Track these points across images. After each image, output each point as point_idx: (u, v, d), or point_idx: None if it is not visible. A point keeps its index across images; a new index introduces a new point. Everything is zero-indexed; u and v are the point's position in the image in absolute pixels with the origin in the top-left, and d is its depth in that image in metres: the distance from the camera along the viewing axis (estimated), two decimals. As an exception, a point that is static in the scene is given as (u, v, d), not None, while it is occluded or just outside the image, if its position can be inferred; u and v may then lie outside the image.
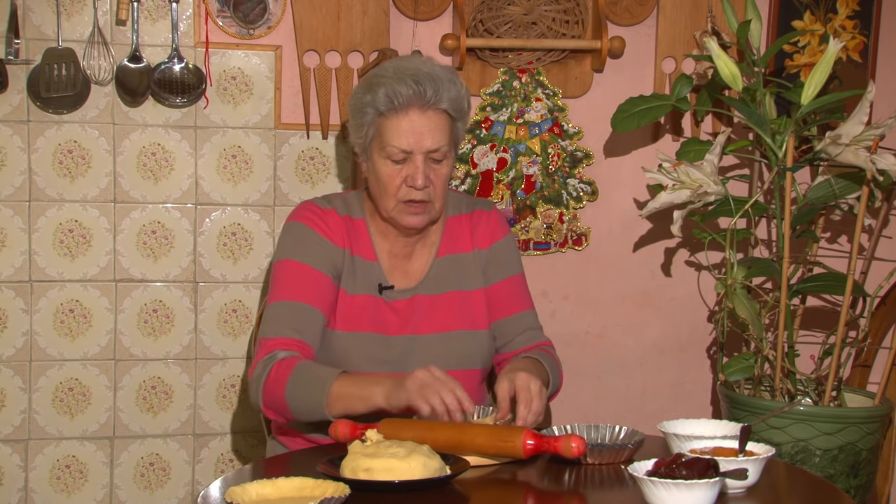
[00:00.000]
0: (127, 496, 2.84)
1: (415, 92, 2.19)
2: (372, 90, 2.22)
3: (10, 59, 2.65)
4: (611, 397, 3.07)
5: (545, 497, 1.84)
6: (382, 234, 2.33)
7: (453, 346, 2.30)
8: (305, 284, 2.24)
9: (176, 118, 2.79)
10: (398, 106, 2.20)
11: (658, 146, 3.00)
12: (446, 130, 2.24)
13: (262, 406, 2.19)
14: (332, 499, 1.61)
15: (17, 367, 2.76)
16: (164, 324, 2.83)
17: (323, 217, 2.31)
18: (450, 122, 2.26)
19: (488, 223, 2.40)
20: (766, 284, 2.93)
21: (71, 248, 2.76)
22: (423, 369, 2.00)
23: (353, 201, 2.37)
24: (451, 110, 2.25)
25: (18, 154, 2.72)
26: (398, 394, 2.00)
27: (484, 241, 2.38)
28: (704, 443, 1.85)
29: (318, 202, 2.35)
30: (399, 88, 2.19)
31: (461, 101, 2.27)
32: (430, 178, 2.23)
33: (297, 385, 2.12)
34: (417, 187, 2.21)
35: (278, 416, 2.20)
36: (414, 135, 2.21)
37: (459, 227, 2.38)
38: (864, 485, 2.54)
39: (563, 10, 2.90)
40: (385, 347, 2.25)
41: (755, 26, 2.63)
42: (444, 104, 2.22)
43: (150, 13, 2.74)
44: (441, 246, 2.36)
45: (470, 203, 2.43)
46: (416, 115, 2.21)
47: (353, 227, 2.33)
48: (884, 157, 2.41)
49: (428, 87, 2.20)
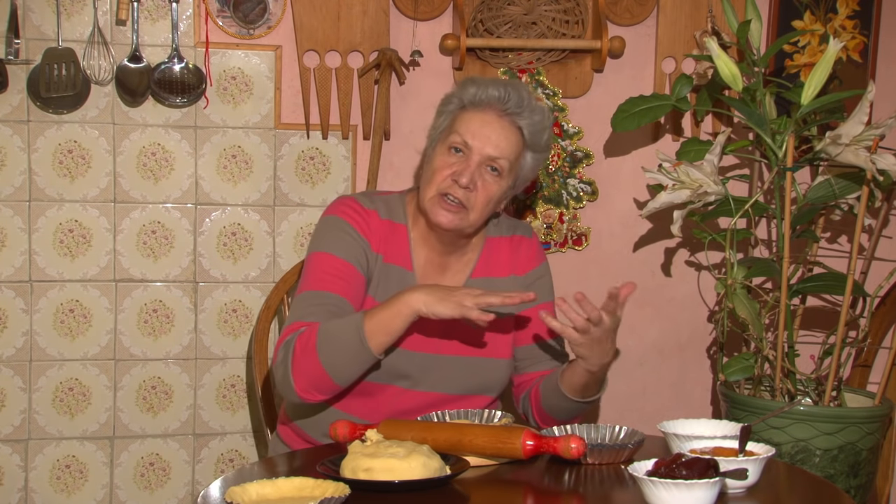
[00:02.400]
0: (127, 496, 2.84)
1: (500, 95, 2.24)
2: (465, 85, 2.28)
3: (10, 59, 2.65)
4: (611, 397, 3.07)
5: (545, 497, 1.84)
6: (423, 241, 2.31)
7: (472, 371, 2.28)
8: (337, 276, 2.21)
9: (176, 118, 2.79)
10: (480, 102, 2.24)
11: (658, 146, 3.01)
12: (513, 148, 2.24)
13: (296, 389, 2.11)
14: (332, 499, 1.61)
15: (17, 367, 2.76)
16: (164, 324, 2.83)
17: (364, 216, 2.28)
18: (521, 143, 2.26)
19: (528, 250, 2.39)
20: (766, 284, 2.93)
21: (71, 248, 2.76)
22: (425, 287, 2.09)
23: (396, 204, 2.34)
24: (526, 131, 2.25)
25: (18, 154, 2.72)
26: (433, 304, 2.05)
27: (521, 267, 2.38)
28: (704, 443, 1.85)
29: (360, 200, 2.31)
30: (488, 88, 2.25)
31: (541, 132, 2.27)
32: (477, 184, 2.21)
33: (328, 344, 2.07)
34: (461, 183, 2.19)
35: (319, 390, 2.12)
36: (482, 133, 2.22)
37: (499, 250, 2.36)
38: (864, 485, 2.54)
39: (563, 10, 2.90)
40: (403, 361, 2.22)
41: (755, 26, 2.63)
42: (521, 121, 2.24)
43: (150, 13, 2.74)
44: (477, 266, 2.34)
45: (510, 226, 2.41)
46: (491, 117, 2.23)
47: (393, 233, 2.30)
48: (884, 157, 2.41)
49: (514, 95, 2.24)
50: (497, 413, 2.12)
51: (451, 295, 2.04)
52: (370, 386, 2.22)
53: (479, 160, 2.21)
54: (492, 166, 2.22)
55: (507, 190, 2.28)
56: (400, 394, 2.23)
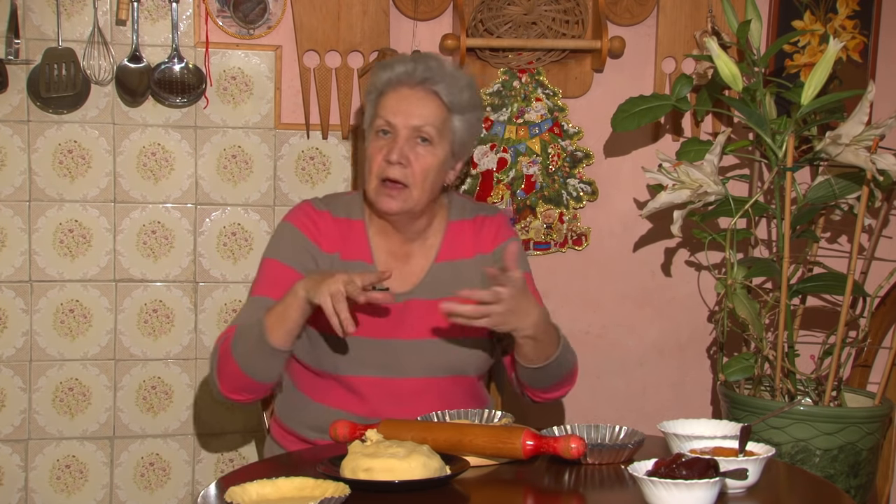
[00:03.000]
0: (127, 496, 2.84)
1: (406, 69, 2.27)
2: (377, 72, 2.31)
3: (10, 59, 2.65)
4: (611, 397, 3.07)
5: (545, 497, 1.84)
6: (381, 233, 2.33)
7: (446, 352, 2.28)
8: (280, 283, 2.24)
9: (176, 118, 2.79)
10: (392, 82, 2.27)
11: (658, 146, 3.00)
12: (435, 113, 2.25)
13: (221, 390, 2.19)
14: (332, 499, 1.61)
15: (17, 367, 2.76)
16: (164, 324, 2.83)
17: (314, 220, 2.31)
18: (443, 109, 2.26)
19: (492, 227, 2.38)
20: (766, 284, 2.93)
21: (71, 248, 2.76)
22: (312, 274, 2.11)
23: (353, 202, 2.37)
24: (444, 96, 2.26)
25: (18, 154, 2.72)
26: (310, 291, 2.06)
27: (487, 244, 2.37)
28: (704, 443, 1.85)
29: (315, 203, 2.36)
30: (396, 66, 2.28)
31: (460, 93, 2.28)
32: (410, 158, 2.22)
33: (239, 344, 2.14)
34: (392, 160, 2.21)
35: (243, 389, 2.18)
36: (400, 109, 2.24)
37: (461, 232, 2.37)
38: (864, 485, 2.54)
39: (563, 10, 2.90)
40: (375, 351, 2.24)
41: (755, 26, 2.63)
42: (436, 86, 2.25)
43: (150, 13, 2.74)
44: (441, 251, 2.35)
45: (473, 209, 2.42)
46: (406, 92, 2.26)
47: (350, 229, 2.32)
48: (884, 157, 2.41)
49: (420, 65, 2.27)
50: (497, 413, 2.12)
51: (321, 282, 2.05)
52: (347, 380, 2.24)
53: (406, 134, 2.23)
54: (420, 137, 2.24)
55: (447, 158, 2.28)
56: (377, 383, 2.24)
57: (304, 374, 2.31)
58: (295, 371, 2.34)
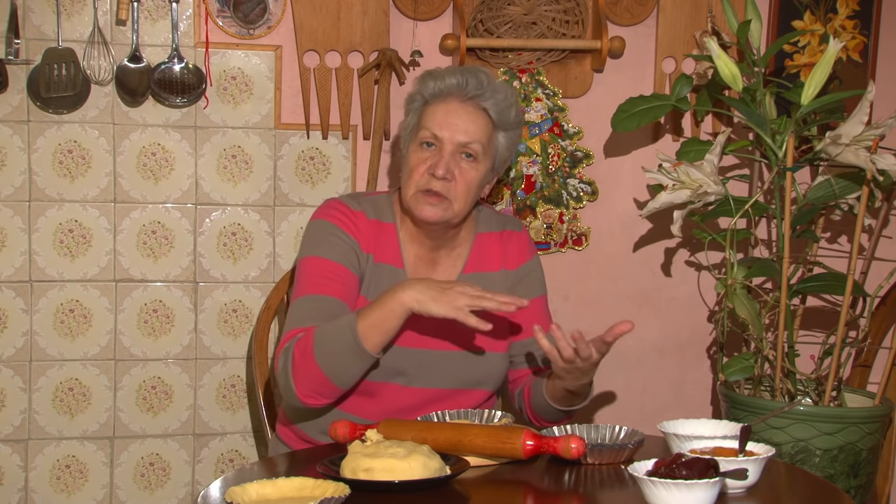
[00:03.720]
0: (127, 496, 2.84)
1: (458, 82, 2.25)
2: (424, 80, 2.29)
3: (10, 59, 2.65)
4: (611, 397, 3.07)
5: (545, 497, 1.84)
6: (411, 238, 2.31)
7: (467, 366, 2.28)
8: (331, 279, 2.21)
9: (176, 118, 2.79)
10: (440, 93, 2.25)
11: (658, 146, 3.01)
12: (483, 130, 2.24)
13: (298, 395, 2.11)
14: (332, 499, 1.61)
15: (17, 367, 2.76)
16: (164, 324, 2.83)
17: (352, 218, 2.28)
18: (490, 125, 2.26)
19: (519, 244, 2.40)
20: (766, 284, 2.93)
21: (71, 248, 2.76)
22: (419, 283, 2.06)
23: (383, 204, 2.34)
24: (493, 113, 2.25)
25: (18, 154, 2.72)
26: (426, 302, 2.03)
27: (512, 261, 2.38)
28: (704, 443, 1.85)
29: (347, 202, 2.32)
30: (447, 78, 2.26)
31: (507, 110, 2.27)
32: (455, 173, 2.22)
33: (324, 348, 2.07)
34: (437, 175, 2.20)
35: (321, 394, 2.12)
36: (448, 122, 2.23)
37: (489, 245, 2.36)
38: (864, 485, 2.54)
39: (563, 10, 2.90)
40: (398, 358, 2.22)
41: (755, 26, 2.63)
42: (485, 102, 2.25)
43: (150, 13, 2.74)
44: (468, 262, 2.34)
45: (500, 221, 2.42)
46: (455, 105, 2.25)
47: (382, 232, 2.30)
48: (884, 157, 2.41)
49: (472, 80, 2.25)
50: (497, 413, 2.12)
51: (444, 294, 2.03)
52: (367, 385, 2.22)
53: (451, 149, 2.22)
54: (466, 152, 2.23)
55: (487, 173, 2.29)
56: (397, 391, 2.24)
57: None
58: None
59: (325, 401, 2.14)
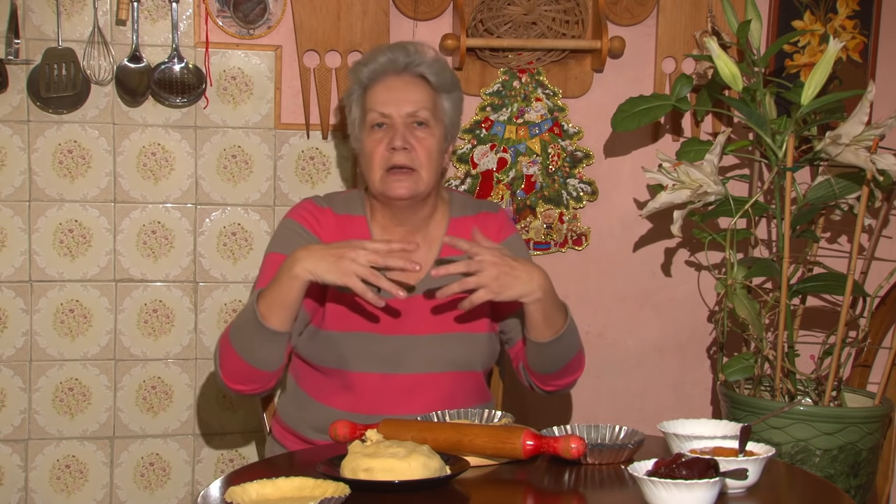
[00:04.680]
0: (127, 496, 2.84)
1: (388, 59, 2.29)
2: (356, 70, 2.33)
3: (10, 59, 2.65)
4: (611, 397, 3.07)
5: (545, 497, 1.84)
6: (383, 229, 2.33)
7: (451, 347, 2.29)
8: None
9: (176, 118, 2.79)
10: (375, 74, 2.28)
11: (658, 146, 3.01)
12: (426, 96, 2.28)
13: (225, 381, 2.18)
14: (332, 499, 1.61)
15: (17, 367, 2.76)
16: (164, 324, 2.83)
17: (316, 215, 2.32)
18: (431, 90, 2.29)
19: (497, 223, 2.40)
20: (766, 284, 2.93)
21: (71, 248, 2.76)
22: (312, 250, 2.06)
23: (354, 199, 2.38)
24: (430, 77, 2.29)
25: (18, 154, 2.72)
26: (321, 273, 2.03)
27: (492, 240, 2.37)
28: (704, 443, 1.85)
29: (316, 200, 2.37)
30: (378, 57, 2.30)
31: (442, 72, 2.31)
32: (412, 143, 2.24)
33: (236, 333, 2.13)
34: (397, 146, 2.22)
35: (246, 378, 2.16)
36: (391, 98, 2.26)
37: (464, 228, 2.37)
38: (864, 485, 2.54)
39: (563, 10, 2.90)
40: (379, 346, 2.24)
41: (755, 26, 2.63)
42: (421, 69, 2.29)
43: (150, 13, 2.74)
44: (444, 246, 2.35)
45: (476, 205, 2.43)
46: (392, 80, 2.28)
47: (351, 225, 2.33)
48: (884, 157, 2.41)
49: (400, 53, 2.29)
50: (497, 413, 2.12)
51: (338, 262, 2.03)
52: (351, 376, 2.24)
53: (402, 122, 2.25)
54: (417, 121, 2.26)
55: (443, 140, 2.31)
56: (382, 380, 2.25)
57: (307, 372, 2.31)
58: (297, 369, 2.34)
59: (253, 386, 2.18)
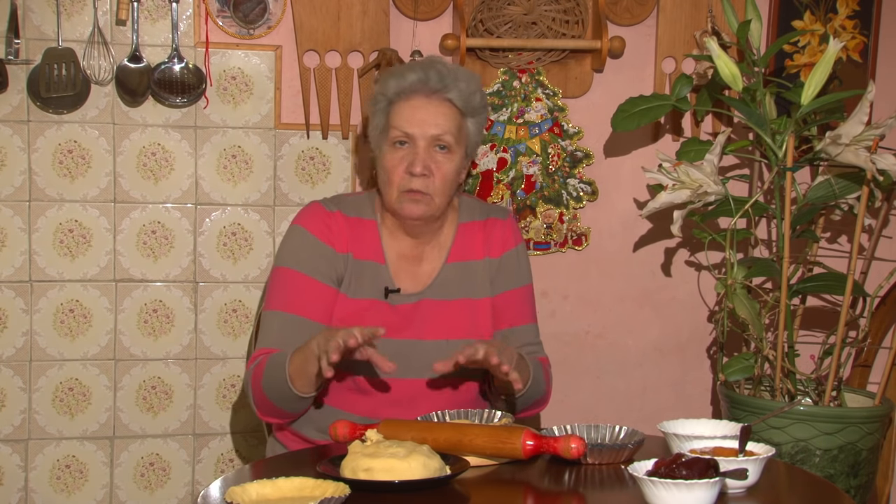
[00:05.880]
0: (127, 496, 2.84)
1: (419, 78, 2.26)
2: (385, 81, 2.29)
3: (10, 59, 2.65)
4: (611, 397, 3.07)
5: (545, 497, 1.84)
6: (392, 235, 2.33)
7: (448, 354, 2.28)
8: (304, 295, 2.25)
9: (176, 118, 2.79)
10: (404, 91, 2.26)
11: (658, 146, 3.01)
12: (452, 121, 2.26)
13: (258, 414, 2.25)
14: (332, 499, 1.61)
15: (17, 367, 2.76)
16: (164, 324, 2.83)
17: (326, 221, 2.31)
18: (458, 115, 2.27)
19: (502, 232, 2.39)
20: (766, 284, 2.93)
21: (71, 248, 2.76)
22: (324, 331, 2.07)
23: (364, 202, 2.37)
24: (458, 103, 2.27)
25: (18, 154, 2.72)
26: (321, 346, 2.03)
27: (496, 249, 2.38)
28: (704, 443, 1.85)
29: (325, 204, 2.35)
30: (407, 75, 2.26)
31: (472, 97, 2.29)
32: (431, 168, 2.24)
33: (268, 382, 2.17)
34: (416, 173, 2.22)
35: (277, 416, 2.23)
36: (417, 119, 2.24)
37: (472, 234, 2.37)
38: (864, 485, 2.54)
39: (563, 10, 2.90)
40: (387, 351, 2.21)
41: (755, 26, 2.63)
42: (450, 94, 2.26)
43: (150, 13, 2.74)
44: (452, 251, 2.35)
45: (485, 210, 2.42)
46: (420, 101, 2.26)
47: (362, 229, 2.32)
48: (884, 157, 2.41)
49: (433, 74, 2.26)
50: (497, 413, 2.12)
51: (329, 339, 2.02)
52: (357, 380, 2.25)
53: (424, 144, 2.24)
54: (439, 145, 2.25)
55: (462, 161, 2.31)
56: (389, 384, 2.25)
57: None
58: None
59: (285, 420, 2.25)
